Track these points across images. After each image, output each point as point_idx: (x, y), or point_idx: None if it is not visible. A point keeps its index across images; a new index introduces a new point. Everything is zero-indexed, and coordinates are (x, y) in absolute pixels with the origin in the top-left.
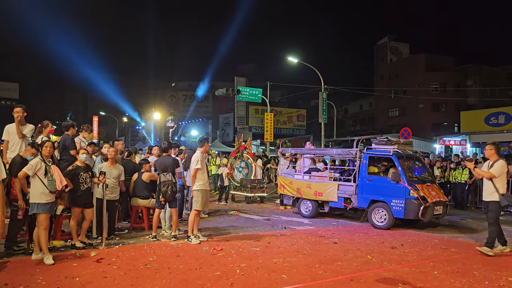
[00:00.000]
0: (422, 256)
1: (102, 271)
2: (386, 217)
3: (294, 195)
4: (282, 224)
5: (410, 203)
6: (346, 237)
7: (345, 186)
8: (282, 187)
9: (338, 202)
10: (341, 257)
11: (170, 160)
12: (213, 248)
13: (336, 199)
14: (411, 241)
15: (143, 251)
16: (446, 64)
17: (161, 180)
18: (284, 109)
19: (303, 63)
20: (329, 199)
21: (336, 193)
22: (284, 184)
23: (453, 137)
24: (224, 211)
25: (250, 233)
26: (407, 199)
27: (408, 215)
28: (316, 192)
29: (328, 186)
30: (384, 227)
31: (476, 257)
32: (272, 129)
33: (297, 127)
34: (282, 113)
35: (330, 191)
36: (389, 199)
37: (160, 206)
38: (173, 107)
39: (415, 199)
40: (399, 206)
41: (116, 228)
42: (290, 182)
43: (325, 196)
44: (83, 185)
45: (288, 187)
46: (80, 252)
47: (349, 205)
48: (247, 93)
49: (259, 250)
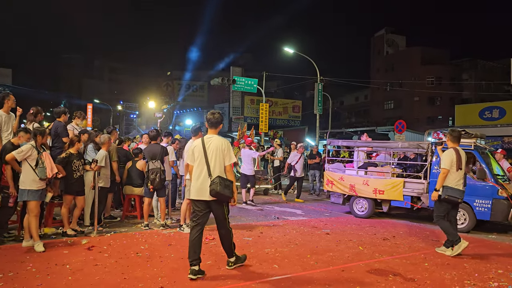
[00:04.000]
0: (413, 248)
1: (93, 258)
2: (466, 218)
3: (345, 193)
4: (275, 215)
5: (499, 203)
6: (339, 228)
7: (413, 184)
8: (330, 184)
9: (404, 201)
10: (333, 248)
11: (158, 148)
12: (205, 238)
13: (401, 198)
14: (403, 233)
15: (135, 240)
16: (442, 57)
17: (149, 167)
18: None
19: (299, 53)
20: (393, 198)
21: (402, 191)
22: (332, 180)
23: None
24: None
25: (243, 223)
26: (495, 199)
27: (495, 217)
28: (375, 189)
29: (391, 183)
30: (464, 230)
31: (467, 249)
32: (267, 119)
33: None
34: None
35: (394, 189)
36: (472, 199)
37: (149, 194)
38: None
39: (504, 199)
40: (485, 207)
41: (108, 216)
42: (340, 178)
43: (387, 194)
44: (76, 172)
45: (338, 183)
46: (71, 239)
47: (417, 205)
48: (243, 83)
49: (251, 240)
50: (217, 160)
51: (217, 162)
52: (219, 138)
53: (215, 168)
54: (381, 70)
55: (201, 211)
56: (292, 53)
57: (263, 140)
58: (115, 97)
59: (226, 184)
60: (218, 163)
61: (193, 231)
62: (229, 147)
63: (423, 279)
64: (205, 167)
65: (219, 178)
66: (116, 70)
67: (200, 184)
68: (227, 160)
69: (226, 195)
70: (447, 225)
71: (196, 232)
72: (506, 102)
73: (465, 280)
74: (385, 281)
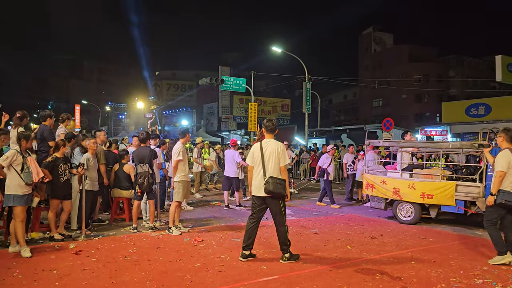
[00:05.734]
0: (400, 246)
1: (80, 263)
2: None
3: (388, 197)
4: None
5: None
6: (327, 227)
7: (466, 187)
8: (370, 187)
9: (456, 206)
10: (321, 248)
11: (147, 151)
12: (194, 239)
13: (453, 203)
14: (391, 231)
15: (123, 243)
16: (430, 55)
17: (137, 171)
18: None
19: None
20: (443, 203)
21: (454, 195)
22: (372, 184)
23: (435, 128)
24: (207, 201)
25: (232, 224)
26: None
27: None
28: (423, 193)
29: (442, 186)
30: None
31: (453, 246)
32: (257, 118)
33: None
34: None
35: (445, 193)
36: None
37: (138, 198)
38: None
39: None
40: None
41: (97, 219)
42: (382, 182)
43: (437, 198)
44: (63, 176)
45: (379, 187)
46: (58, 244)
47: (471, 210)
48: (231, 82)
49: (239, 241)
50: (273, 162)
51: (273, 164)
52: (275, 142)
53: (270, 169)
54: (369, 68)
55: (258, 206)
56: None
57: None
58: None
59: (278, 182)
60: (274, 164)
61: (249, 221)
62: (283, 150)
63: (409, 277)
64: (262, 168)
65: (271, 178)
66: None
67: (258, 183)
68: (281, 162)
69: (279, 192)
70: (497, 235)
71: (251, 223)
72: (492, 99)
73: (450, 278)
74: (372, 280)
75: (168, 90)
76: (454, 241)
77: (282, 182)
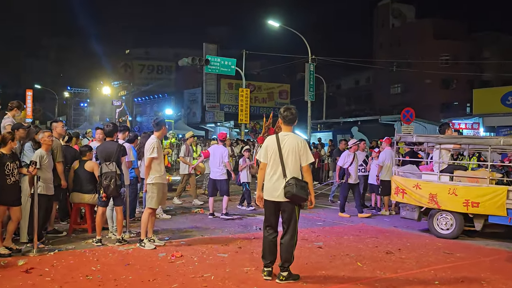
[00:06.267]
0: (421, 263)
1: (31, 284)
2: None
3: (423, 205)
4: (257, 225)
5: None
6: (333, 240)
7: None
8: (401, 193)
9: (508, 217)
10: (326, 265)
11: (114, 147)
12: (171, 255)
13: (503, 212)
14: (410, 245)
15: (85, 259)
16: (459, 31)
17: (102, 171)
18: (264, 83)
19: (286, 27)
20: (491, 212)
21: (505, 203)
22: (403, 188)
23: (464, 120)
24: (187, 208)
25: (218, 236)
26: None
27: None
28: (467, 201)
29: (490, 192)
30: None
31: (485, 263)
32: (249, 108)
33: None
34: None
35: (494, 200)
36: None
37: (103, 204)
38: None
39: None
40: None
41: (52, 230)
42: (416, 186)
43: (484, 207)
44: (10, 178)
45: (412, 192)
46: (4, 260)
47: None
48: (218, 63)
49: (227, 256)
50: (293, 160)
51: (293, 162)
52: (295, 137)
53: (290, 168)
54: (386, 46)
55: (271, 214)
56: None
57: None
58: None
59: (302, 185)
60: (294, 163)
61: (266, 233)
62: (305, 146)
63: None
64: (280, 167)
65: (294, 180)
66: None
67: (273, 184)
68: (303, 160)
69: (302, 197)
70: None
71: (269, 235)
72: None
73: None
74: None
75: (141, 72)
76: (486, 257)
77: (306, 185)
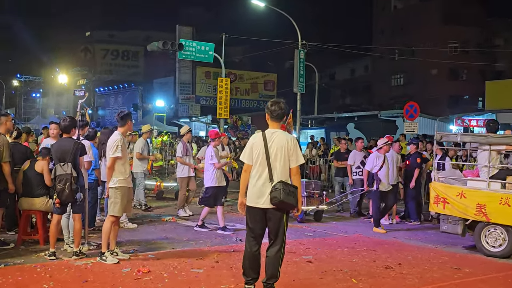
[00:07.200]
0: (425, 279)
1: None
2: None
3: (468, 217)
4: (237, 236)
5: None
6: (325, 253)
7: None
8: (442, 202)
9: None
10: (316, 282)
11: (70, 145)
12: (137, 270)
13: None
14: (412, 259)
15: (35, 275)
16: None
17: (56, 173)
18: (247, 72)
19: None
20: None
21: None
22: (445, 197)
23: (476, 116)
24: (156, 216)
25: (192, 248)
26: None
27: None
28: None
29: None
30: None
31: (498, 279)
32: (229, 100)
33: (265, 99)
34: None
35: None
36: None
37: (58, 211)
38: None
39: None
40: None
41: None
42: (459, 194)
43: None
44: None
45: (455, 202)
46: None
47: None
48: (194, 49)
49: (202, 272)
50: (281, 161)
51: (281, 164)
52: (284, 134)
53: (278, 171)
54: (387, 32)
55: (256, 222)
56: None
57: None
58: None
59: (290, 190)
60: (283, 164)
61: (248, 245)
62: (296, 145)
63: None
64: (266, 169)
65: (281, 184)
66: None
67: (258, 189)
68: (293, 161)
69: (290, 204)
70: None
71: (252, 247)
72: None
73: None
74: None
75: (104, 58)
76: (499, 273)
77: (294, 190)
